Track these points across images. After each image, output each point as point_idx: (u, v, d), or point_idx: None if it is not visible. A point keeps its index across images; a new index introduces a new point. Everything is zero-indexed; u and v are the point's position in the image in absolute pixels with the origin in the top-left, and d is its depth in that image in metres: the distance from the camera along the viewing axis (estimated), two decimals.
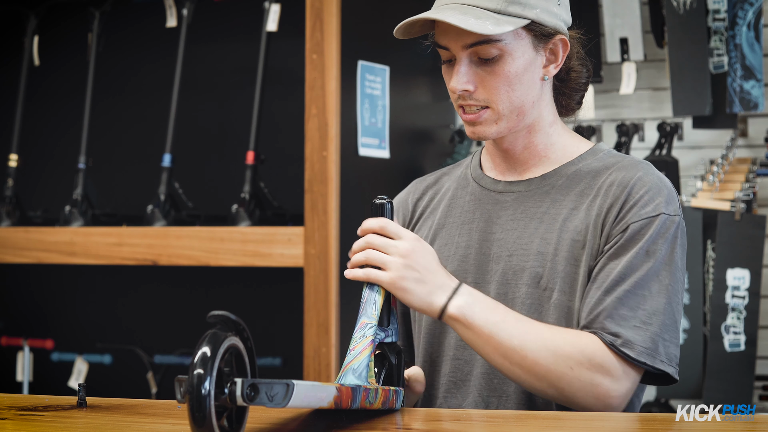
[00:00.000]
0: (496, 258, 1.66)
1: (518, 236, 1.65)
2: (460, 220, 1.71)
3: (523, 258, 1.63)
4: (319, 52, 2.87)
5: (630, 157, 1.69)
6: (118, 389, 3.01)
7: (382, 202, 1.51)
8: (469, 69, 1.61)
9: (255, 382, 1.13)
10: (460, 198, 1.74)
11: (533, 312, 1.61)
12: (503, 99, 1.61)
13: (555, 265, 1.61)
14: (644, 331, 1.54)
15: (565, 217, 1.63)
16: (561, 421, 1.50)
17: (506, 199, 1.69)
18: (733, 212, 3.05)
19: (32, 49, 3.62)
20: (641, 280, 1.56)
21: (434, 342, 1.70)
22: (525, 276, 1.63)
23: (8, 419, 1.40)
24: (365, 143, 3.03)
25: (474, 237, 1.68)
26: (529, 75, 1.62)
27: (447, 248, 1.70)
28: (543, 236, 1.63)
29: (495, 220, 1.68)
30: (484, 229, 1.68)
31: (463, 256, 1.68)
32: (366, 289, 1.48)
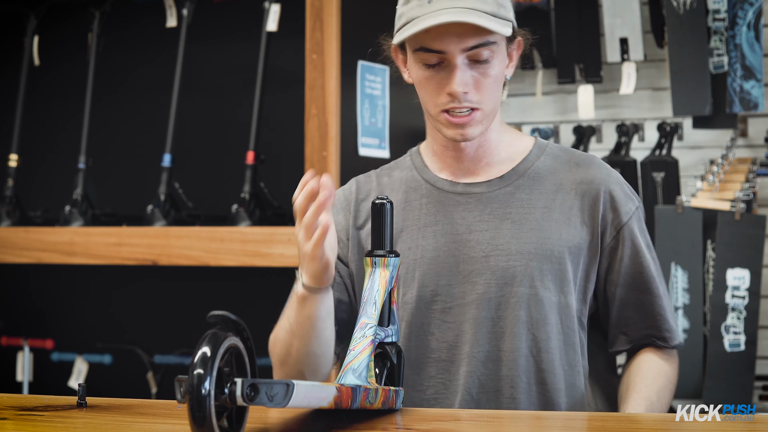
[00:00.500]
0: (470, 260, 1.68)
1: (492, 237, 1.68)
2: (419, 223, 1.72)
3: (502, 258, 1.66)
4: (319, 52, 2.87)
5: (577, 151, 1.77)
6: (118, 389, 3.01)
7: (383, 202, 1.51)
8: (466, 72, 1.63)
9: (255, 382, 1.13)
10: (414, 201, 1.75)
11: (523, 310, 1.65)
12: (490, 100, 1.66)
13: (540, 264, 1.65)
14: (669, 320, 1.73)
15: (540, 216, 1.68)
16: (561, 421, 1.50)
17: (468, 201, 1.71)
18: (733, 212, 3.05)
19: (32, 49, 3.62)
20: (652, 276, 1.72)
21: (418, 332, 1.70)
22: (507, 276, 1.65)
23: (8, 419, 1.40)
24: (365, 143, 3.03)
25: (440, 239, 1.70)
26: (502, 76, 1.68)
27: (411, 252, 1.71)
28: (518, 236, 1.67)
29: (460, 222, 1.70)
30: (451, 231, 1.70)
31: (433, 259, 1.69)
32: (366, 289, 1.48)
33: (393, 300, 1.50)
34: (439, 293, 1.68)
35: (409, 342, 1.69)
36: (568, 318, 1.67)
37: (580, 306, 1.69)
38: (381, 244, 1.50)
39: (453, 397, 1.67)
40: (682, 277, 3.10)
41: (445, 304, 1.68)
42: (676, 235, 3.12)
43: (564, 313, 1.67)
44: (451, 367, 1.67)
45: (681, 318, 3.08)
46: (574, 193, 1.70)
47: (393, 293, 1.50)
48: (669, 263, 3.11)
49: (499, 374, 1.65)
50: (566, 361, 1.67)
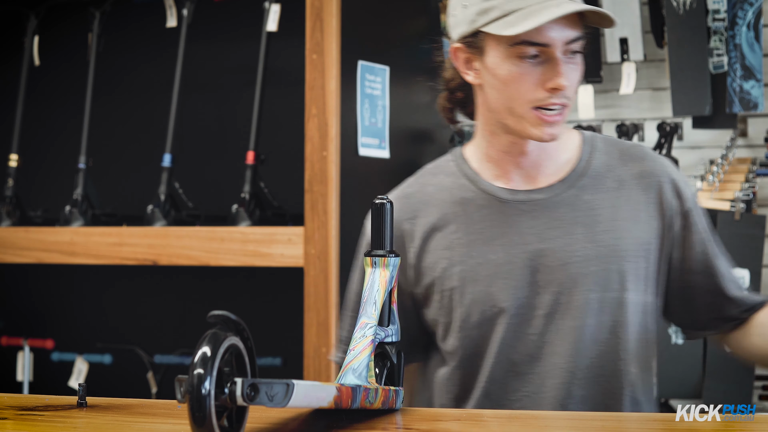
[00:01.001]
0: (547, 269, 1.63)
1: (566, 244, 1.63)
2: (484, 236, 1.67)
3: (581, 265, 1.62)
4: (319, 52, 2.87)
5: (623, 142, 1.74)
6: (118, 389, 3.01)
7: (383, 203, 1.51)
8: (566, 65, 1.59)
9: (255, 382, 1.13)
10: (473, 213, 1.68)
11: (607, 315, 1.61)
12: (574, 93, 1.62)
13: (620, 266, 1.62)
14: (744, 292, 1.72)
15: (609, 216, 1.64)
16: (561, 421, 1.50)
17: (534, 209, 1.66)
18: (732, 212, 3.05)
19: (32, 49, 3.62)
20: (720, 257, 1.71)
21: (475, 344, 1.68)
22: (589, 282, 1.61)
23: (8, 419, 1.40)
24: (365, 143, 3.03)
25: (512, 251, 1.65)
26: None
27: (483, 267, 1.66)
28: (593, 240, 1.63)
29: (528, 231, 1.65)
30: (520, 242, 1.65)
31: (508, 272, 1.64)
32: (366, 289, 1.48)
33: (393, 300, 1.50)
34: (519, 306, 1.64)
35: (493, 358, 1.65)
36: (648, 316, 1.66)
37: (656, 301, 1.68)
38: (381, 244, 1.50)
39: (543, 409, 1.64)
40: None
41: (524, 317, 1.64)
42: None
43: (645, 311, 1.65)
44: (537, 379, 1.64)
45: None
46: (637, 187, 1.66)
47: (393, 293, 1.50)
48: None
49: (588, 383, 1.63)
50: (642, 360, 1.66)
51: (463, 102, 1.75)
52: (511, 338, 1.64)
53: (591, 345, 1.63)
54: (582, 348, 1.62)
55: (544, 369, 1.63)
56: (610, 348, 1.63)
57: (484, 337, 1.66)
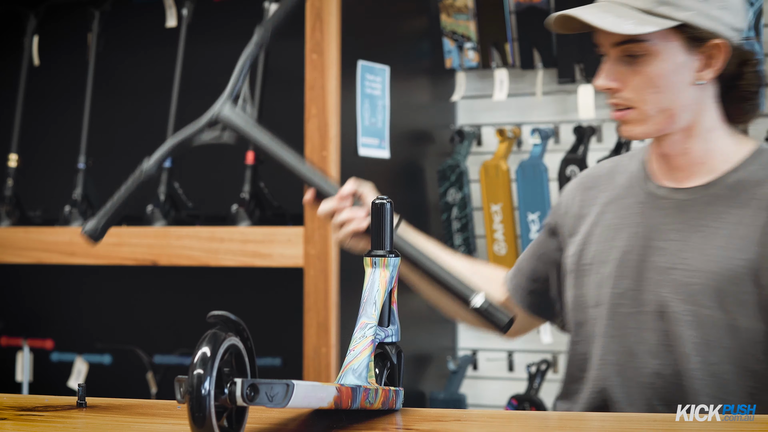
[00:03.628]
0: (656, 268, 1.64)
1: (680, 249, 1.63)
2: (622, 222, 1.70)
3: (684, 273, 1.61)
4: (319, 52, 2.87)
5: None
6: (118, 389, 3.01)
7: (383, 203, 1.51)
8: (615, 67, 1.61)
9: (255, 382, 1.13)
10: (625, 198, 1.72)
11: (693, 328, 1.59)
12: (648, 100, 1.61)
13: (719, 284, 1.58)
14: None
15: (728, 233, 1.60)
16: (561, 421, 1.50)
17: (667, 206, 1.67)
18: None
19: (32, 49, 3.62)
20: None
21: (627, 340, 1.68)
22: (683, 292, 1.60)
23: (8, 419, 1.40)
24: (365, 143, 3.03)
25: (634, 242, 1.67)
26: (677, 78, 1.60)
27: (612, 251, 1.69)
28: (704, 251, 1.61)
29: (657, 227, 1.66)
30: (646, 236, 1.66)
31: (622, 261, 1.67)
32: (366, 289, 1.48)
33: (393, 300, 1.50)
34: (618, 296, 1.67)
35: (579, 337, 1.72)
36: (749, 344, 1.59)
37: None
38: (381, 244, 1.50)
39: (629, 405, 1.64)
40: None
41: (627, 307, 1.66)
42: None
43: (743, 337, 1.59)
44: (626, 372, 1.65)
45: None
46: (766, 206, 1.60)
47: (393, 293, 1.50)
48: None
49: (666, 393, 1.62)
50: (747, 391, 1.60)
51: None
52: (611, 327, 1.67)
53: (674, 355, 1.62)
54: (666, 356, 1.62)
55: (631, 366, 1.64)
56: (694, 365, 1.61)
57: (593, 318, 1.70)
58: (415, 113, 3.38)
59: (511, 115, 3.43)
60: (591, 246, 1.72)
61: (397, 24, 3.27)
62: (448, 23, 3.29)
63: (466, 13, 3.26)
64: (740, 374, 1.59)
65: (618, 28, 1.55)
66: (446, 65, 3.33)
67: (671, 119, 1.62)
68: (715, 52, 1.61)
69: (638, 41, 1.57)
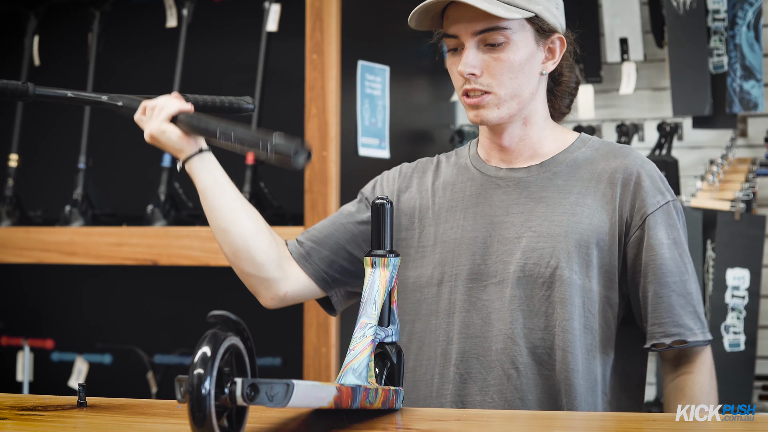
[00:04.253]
0: (503, 240, 1.74)
1: (526, 219, 1.74)
2: (463, 204, 1.80)
3: (533, 240, 1.72)
4: (319, 52, 2.87)
5: (617, 144, 1.82)
6: (118, 389, 3.01)
7: (383, 203, 1.51)
8: (477, 55, 1.71)
9: (255, 382, 1.13)
10: (460, 184, 1.82)
11: (545, 289, 1.70)
12: (505, 84, 1.72)
13: (567, 246, 1.70)
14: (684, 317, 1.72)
15: (573, 201, 1.74)
16: (561, 421, 1.50)
17: (508, 185, 1.78)
18: (732, 212, 3.05)
19: (32, 49, 3.62)
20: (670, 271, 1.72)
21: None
22: (535, 256, 1.71)
23: (8, 419, 1.40)
24: (365, 143, 3.03)
25: (479, 221, 1.77)
26: (529, 66, 1.74)
27: (453, 231, 1.79)
28: (550, 219, 1.73)
29: (499, 204, 1.77)
30: (490, 213, 1.77)
31: (472, 239, 1.76)
32: (366, 289, 1.48)
33: (393, 300, 1.50)
34: (474, 272, 1.75)
35: (444, 319, 1.76)
36: (591, 302, 1.71)
37: (606, 292, 1.72)
38: (381, 244, 1.50)
39: (487, 372, 1.71)
40: None
41: (478, 283, 1.74)
42: None
43: (587, 296, 1.71)
44: (484, 343, 1.72)
45: None
46: (608, 181, 1.74)
47: (393, 293, 1.50)
48: None
49: (526, 350, 1.70)
50: (584, 344, 1.70)
51: None
52: (464, 301, 1.74)
53: (533, 316, 1.71)
54: (523, 318, 1.71)
55: (491, 334, 1.72)
56: (551, 321, 1.70)
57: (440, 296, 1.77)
58: (415, 113, 3.38)
59: None
60: (427, 228, 1.81)
61: (397, 24, 3.26)
62: None
63: None
64: (582, 331, 1.70)
65: (495, 12, 1.66)
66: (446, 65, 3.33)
67: (520, 105, 1.74)
68: (555, 45, 1.77)
69: (499, 29, 1.69)
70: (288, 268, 1.85)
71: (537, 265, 1.71)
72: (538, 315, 1.70)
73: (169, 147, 1.85)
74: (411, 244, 1.82)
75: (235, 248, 1.82)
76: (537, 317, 1.70)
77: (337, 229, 1.88)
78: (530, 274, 1.71)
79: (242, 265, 1.82)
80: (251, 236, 1.82)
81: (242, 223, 1.82)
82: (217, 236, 1.85)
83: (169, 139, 1.84)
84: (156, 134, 1.87)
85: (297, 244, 1.88)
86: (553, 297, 1.70)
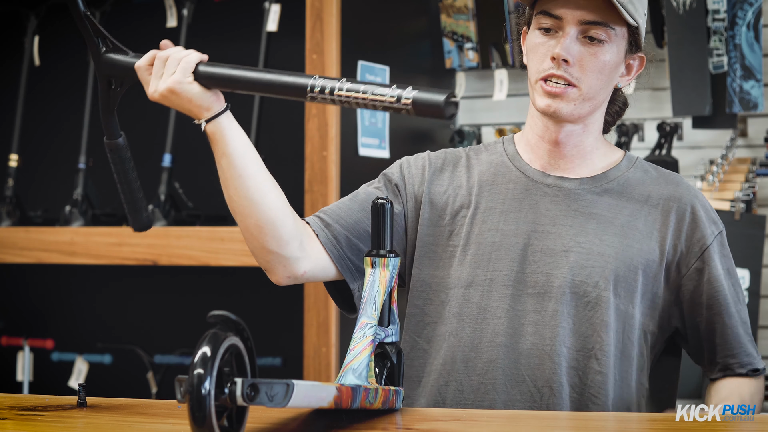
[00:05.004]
0: (548, 251, 1.68)
1: (575, 233, 1.67)
2: (503, 206, 1.72)
3: (582, 256, 1.66)
4: (319, 52, 2.87)
5: (666, 170, 1.76)
6: (118, 389, 3.01)
7: (383, 203, 1.51)
8: (574, 43, 1.64)
9: (255, 382, 1.13)
10: (501, 184, 1.74)
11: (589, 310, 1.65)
12: (592, 83, 1.65)
13: (616, 268, 1.65)
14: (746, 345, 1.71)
15: (624, 223, 1.68)
16: (561, 422, 1.50)
17: (557, 194, 1.71)
18: (732, 212, 3.05)
19: (32, 49, 3.62)
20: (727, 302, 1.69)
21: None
22: (584, 274, 1.65)
23: (8, 419, 1.40)
24: (365, 143, 3.03)
25: (522, 227, 1.70)
26: (614, 74, 1.69)
27: (491, 234, 1.70)
28: (601, 237, 1.67)
29: (545, 213, 1.70)
30: (534, 220, 1.70)
31: (512, 245, 1.69)
32: (366, 289, 1.48)
33: (393, 300, 1.50)
34: (512, 279, 1.68)
35: (470, 324, 1.68)
36: (631, 329, 1.67)
37: (645, 320, 1.68)
38: (381, 244, 1.50)
39: (512, 386, 1.65)
40: None
41: (515, 291, 1.67)
42: None
43: (628, 323, 1.67)
44: (512, 354, 1.66)
45: None
46: (661, 208, 1.70)
47: (393, 293, 1.50)
48: None
49: (564, 369, 1.64)
50: (619, 371, 1.66)
51: None
52: (497, 308, 1.67)
53: (570, 333, 1.65)
54: (560, 335, 1.65)
55: (521, 345, 1.66)
56: (587, 342, 1.65)
57: (469, 300, 1.69)
58: None
59: (510, 115, 3.43)
60: (459, 227, 1.72)
61: (397, 24, 3.27)
62: (448, 23, 3.29)
63: (466, 13, 3.27)
64: (618, 356, 1.66)
65: (620, 9, 1.60)
66: (446, 65, 3.34)
67: (591, 109, 1.69)
68: (634, 63, 1.72)
69: (607, 26, 1.64)
70: (309, 247, 1.67)
71: (584, 283, 1.65)
72: (578, 335, 1.65)
73: (189, 104, 1.60)
74: (438, 242, 1.73)
75: (262, 222, 1.62)
76: (576, 337, 1.65)
77: (368, 216, 1.68)
78: (576, 292, 1.65)
79: (266, 241, 1.63)
80: (280, 210, 1.63)
81: (272, 195, 1.63)
82: (241, 208, 1.63)
83: (191, 93, 1.59)
84: (176, 88, 1.60)
85: (323, 226, 1.70)
86: (595, 319, 1.65)
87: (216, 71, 1.60)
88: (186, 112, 1.62)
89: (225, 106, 1.61)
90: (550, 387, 1.63)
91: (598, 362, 1.64)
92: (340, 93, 1.50)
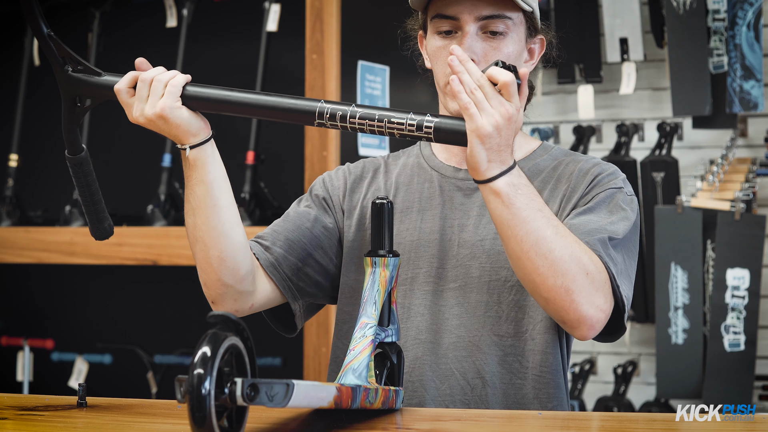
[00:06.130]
0: (464, 243, 1.68)
1: (488, 222, 1.68)
2: (420, 205, 1.73)
3: (496, 242, 1.66)
4: (319, 52, 2.87)
5: (579, 153, 1.76)
6: (118, 389, 3.01)
7: (382, 203, 1.51)
8: (475, 41, 1.63)
9: (255, 382, 1.13)
10: (417, 184, 1.76)
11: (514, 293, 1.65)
12: None
13: None
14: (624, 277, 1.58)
15: None
16: (560, 421, 1.50)
17: (469, 187, 1.72)
18: (732, 212, 3.05)
19: (32, 49, 3.62)
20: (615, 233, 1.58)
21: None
22: (501, 259, 1.65)
23: (8, 419, 1.41)
24: (365, 143, 3.03)
25: (438, 223, 1.71)
26: (518, 62, 1.67)
27: (409, 233, 1.72)
28: None
29: (459, 207, 1.71)
30: (449, 216, 1.71)
31: (429, 242, 1.70)
32: (366, 289, 1.48)
33: (393, 300, 1.50)
34: (432, 275, 1.68)
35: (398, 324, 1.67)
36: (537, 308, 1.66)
37: None
38: (381, 244, 1.50)
39: (441, 381, 1.65)
40: (681, 276, 3.10)
41: (436, 287, 1.68)
42: (676, 235, 3.12)
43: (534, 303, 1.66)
44: (439, 350, 1.66)
45: (681, 318, 3.08)
46: (565, 180, 1.68)
47: (393, 293, 1.50)
48: (669, 263, 3.11)
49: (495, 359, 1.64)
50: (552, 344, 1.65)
51: None
52: (420, 305, 1.68)
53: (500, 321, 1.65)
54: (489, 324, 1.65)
55: (447, 340, 1.66)
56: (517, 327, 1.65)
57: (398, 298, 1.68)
58: None
59: None
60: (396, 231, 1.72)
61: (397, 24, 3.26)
62: None
63: None
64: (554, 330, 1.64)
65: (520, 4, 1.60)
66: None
67: None
68: (536, 47, 1.71)
69: (504, 17, 1.63)
70: (258, 280, 1.66)
71: (503, 268, 1.65)
72: (509, 320, 1.65)
73: (177, 130, 1.57)
74: (362, 246, 1.73)
75: (225, 255, 1.59)
76: (508, 323, 1.65)
77: (303, 234, 1.72)
78: (497, 278, 1.65)
79: (224, 274, 1.60)
80: (243, 245, 1.61)
81: (238, 228, 1.61)
82: (208, 238, 1.58)
83: (180, 118, 1.55)
84: (166, 114, 1.56)
85: (263, 249, 1.69)
86: (522, 301, 1.65)
87: (204, 92, 1.56)
88: (170, 137, 1.59)
89: (211, 134, 1.59)
90: (482, 378, 1.64)
91: (534, 342, 1.64)
92: (353, 120, 1.51)
